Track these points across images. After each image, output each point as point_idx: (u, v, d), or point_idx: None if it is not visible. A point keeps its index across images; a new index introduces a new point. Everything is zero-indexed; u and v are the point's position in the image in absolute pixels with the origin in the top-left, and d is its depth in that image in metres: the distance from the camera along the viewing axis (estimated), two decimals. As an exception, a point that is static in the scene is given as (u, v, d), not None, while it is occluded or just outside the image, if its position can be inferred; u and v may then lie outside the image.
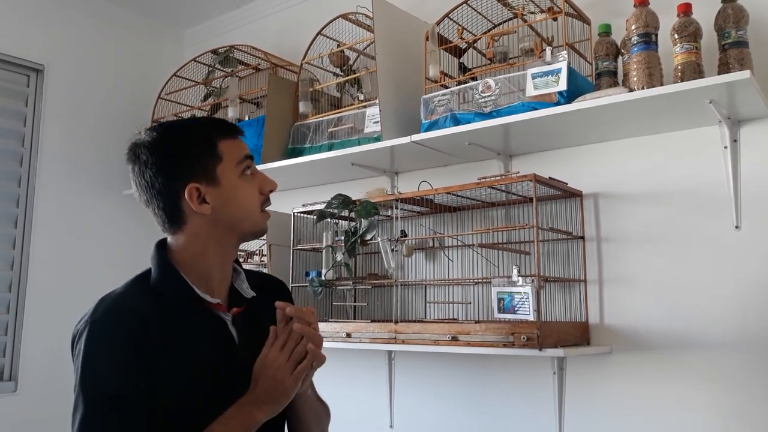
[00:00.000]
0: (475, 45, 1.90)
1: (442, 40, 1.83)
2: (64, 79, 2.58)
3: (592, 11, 1.74)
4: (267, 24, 2.68)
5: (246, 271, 1.15)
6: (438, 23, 1.80)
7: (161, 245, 1.08)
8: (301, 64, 2.18)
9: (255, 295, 1.12)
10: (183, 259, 1.05)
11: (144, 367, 0.95)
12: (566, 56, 1.52)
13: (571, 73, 1.51)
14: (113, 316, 0.98)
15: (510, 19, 1.82)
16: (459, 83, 1.80)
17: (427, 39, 1.79)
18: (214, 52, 2.46)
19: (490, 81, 1.63)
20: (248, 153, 1.09)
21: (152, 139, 1.05)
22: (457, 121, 1.67)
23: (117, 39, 2.78)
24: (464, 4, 1.77)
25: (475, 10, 1.80)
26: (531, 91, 1.56)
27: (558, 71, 1.52)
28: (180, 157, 1.04)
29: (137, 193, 1.06)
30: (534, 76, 1.56)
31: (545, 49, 1.57)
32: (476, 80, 1.72)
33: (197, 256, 1.05)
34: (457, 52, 1.91)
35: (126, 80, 2.79)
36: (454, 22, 1.81)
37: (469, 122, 1.65)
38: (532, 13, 1.71)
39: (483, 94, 1.63)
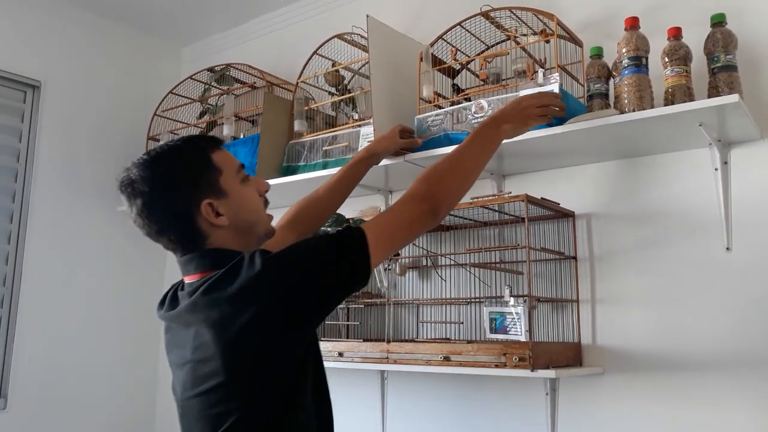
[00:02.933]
0: (468, 66, 1.92)
1: (436, 61, 1.84)
2: (60, 95, 2.59)
3: (585, 34, 1.76)
4: (263, 43, 2.71)
5: None
6: (432, 44, 1.82)
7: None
8: (297, 83, 2.20)
9: None
10: None
11: None
12: (558, 78, 1.53)
13: (564, 95, 1.53)
14: None
15: (503, 41, 1.84)
16: (453, 104, 1.81)
17: (421, 59, 1.81)
18: (211, 70, 2.47)
19: (483, 102, 1.64)
20: (239, 162, 1.13)
21: (149, 170, 1.04)
22: (450, 141, 1.68)
23: (114, 56, 2.79)
24: (458, 26, 1.79)
25: (469, 32, 1.82)
26: None
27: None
28: (184, 179, 1.05)
29: (144, 228, 1.05)
30: None
31: (537, 71, 1.59)
32: (470, 101, 1.73)
33: None
34: (451, 72, 1.93)
35: (122, 97, 2.80)
36: (448, 43, 1.83)
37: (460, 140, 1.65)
38: (525, 35, 1.73)
39: (476, 115, 1.64)
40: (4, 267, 2.39)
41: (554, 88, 1.51)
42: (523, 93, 1.53)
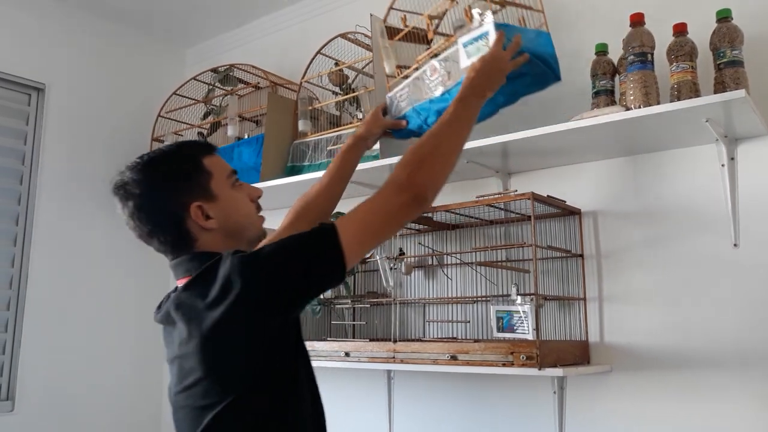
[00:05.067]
0: (438, 30, 1.69)
1: (394, 33, 1.69)
2: (64, 97, 2.59)
3: (590, 31, 1.76)
4: (267, 43, 2.70)
5: None
6: (385, 19, 1.70)
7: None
8: (301, 83, 2.19)
9: None
10: None
11: None
12: (491, 15, 1.33)
13: (513, 29, 1.32)
14: None
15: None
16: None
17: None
18: (214, 70, 2.47)
19: (435, 63, 1.47)
20: (231, 168, 1.15)
21: (141, 173, 1.07)
22: (418, 114, 1.52)
23: (118, 58, 2.80)
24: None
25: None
26: (465, 62, 1.36)
27: (485, 34, 1.31)
28: (174, 182, 1.07)
29: (135, 230, 1.08)
30: (465, 45, 1.35)
31: (473, 14, 1.40)
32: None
33: None
34: (424, 40, 1.71)
35: (126, 99, 2.80)
36: (400, 10, 1.68)
37: (426, 111, 1.46)
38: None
39: (432, 78, 1.48)
40: (10, 269, 2.40)
41: (489, 29, 1.30)
42: (461, 40, 1.37)
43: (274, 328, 0.97)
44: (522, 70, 1.31)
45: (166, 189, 1.07)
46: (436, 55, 1.53)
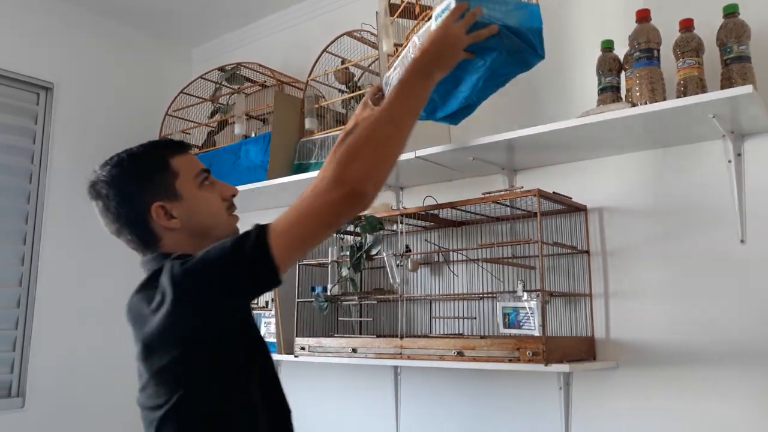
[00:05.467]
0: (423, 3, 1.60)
1: (395, 10, 1.63)
2: (73, 97, 2.61)
3: (595, 27, 1.76)
4: (273, 42, 2.71)
5: None
6: None
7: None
8: (307, 81, 2.20)
9: None
10: None
11: None
12: None
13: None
14: None
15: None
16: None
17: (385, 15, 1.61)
18: (221, 69, 2.49)
19: (414, 38, 1.39)
20: (203, 167, 1.15)
21: (108, 172, 1.11)
22: None
23: (125, 57, 2.81)
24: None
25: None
26: None
27: (449, 5, 1.19)
28: (138, 182, 1.10)
29: (107, 227, 1.13)
30: (436, 18, 1.26)
31: None
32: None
33: None
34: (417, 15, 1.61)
35: (134, 98, 2.82)
36: None
37: None
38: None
39: (413, 55, 1.30)
40: (20, 268, 2.42)
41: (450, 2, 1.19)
42: (435, 12, 1.25)
43: (212, 331, 0.96)
44: (489, 44, 1.18)
45: (130, 189, 1.10)
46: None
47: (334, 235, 1.92)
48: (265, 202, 2.35)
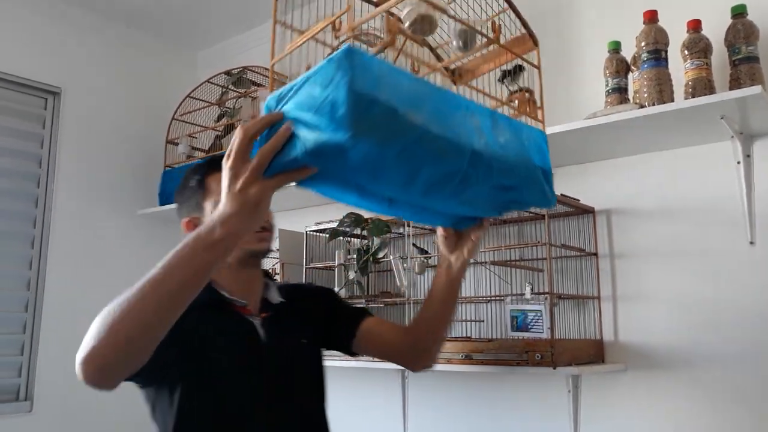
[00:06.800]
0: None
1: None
2: (80, 101, 2.62)
3: (603, 28, 1.75)
4: (278, 45, 2.71)
5: (289, 284, 1.46)
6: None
7: None
8: (313, 84, 2.20)
9: (283, 301, 1.29)
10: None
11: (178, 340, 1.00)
12: None
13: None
14: None
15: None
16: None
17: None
18: (228, 73, 2.49)
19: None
20: None
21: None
22: None
23: (132, 62, 2.82)
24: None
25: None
26: None
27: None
28: (180, 196, 1.28)
29: None
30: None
31: None
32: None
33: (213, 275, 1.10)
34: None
35: (141, 102, 2.83)
36: None
37: None
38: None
39: None
40: (28, 271, 2.43)
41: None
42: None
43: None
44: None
45: (177, 202, 1.29)
46: None
47: (341, 238, 1.92)
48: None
